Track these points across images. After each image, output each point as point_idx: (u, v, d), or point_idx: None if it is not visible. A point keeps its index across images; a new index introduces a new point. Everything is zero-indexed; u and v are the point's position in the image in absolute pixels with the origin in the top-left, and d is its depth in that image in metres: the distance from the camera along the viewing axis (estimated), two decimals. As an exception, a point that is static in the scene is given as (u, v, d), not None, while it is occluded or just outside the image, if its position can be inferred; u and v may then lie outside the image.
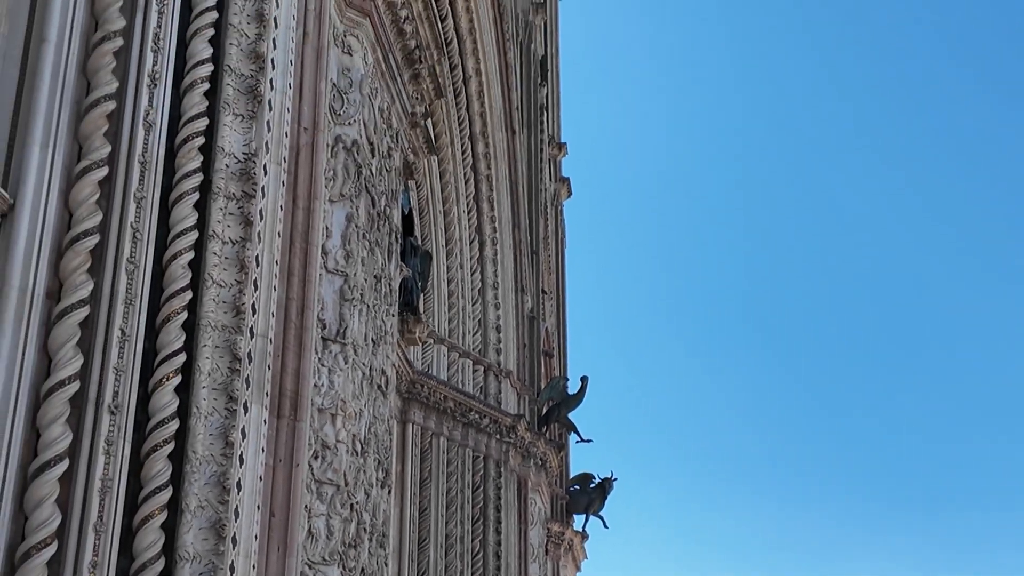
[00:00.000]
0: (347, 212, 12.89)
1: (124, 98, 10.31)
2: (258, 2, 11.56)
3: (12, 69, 10.01)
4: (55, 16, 10.20)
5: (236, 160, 10.91)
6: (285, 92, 11.69)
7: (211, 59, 11.12)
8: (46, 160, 9.70)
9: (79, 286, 9.51)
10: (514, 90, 28.95)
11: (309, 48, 12.20)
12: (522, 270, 30.74)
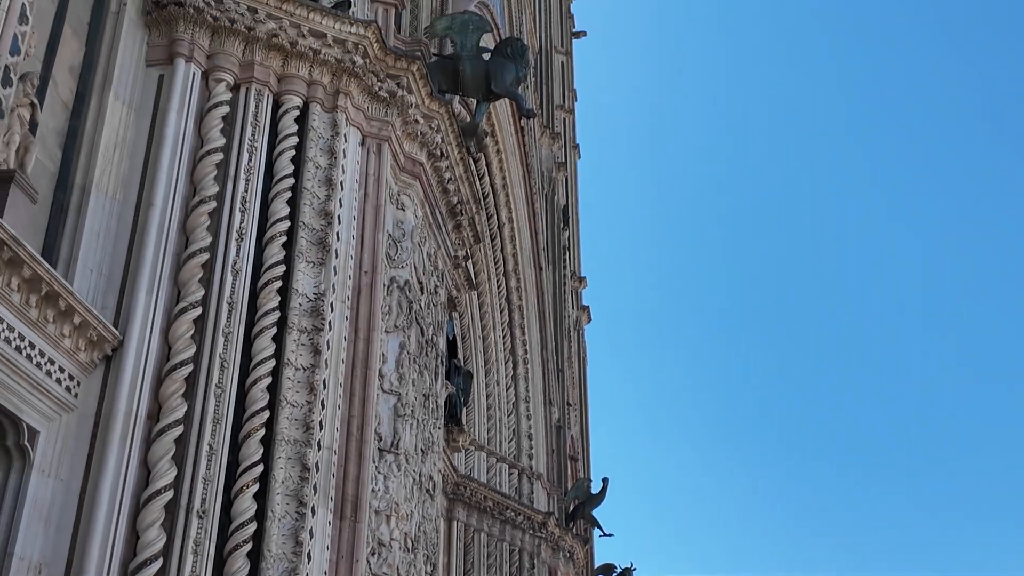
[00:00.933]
0: (400, 341, 13.01)
1: (216, 250, 10.62)
2: (328, 169, 11.92)
3: (125, 229, 10.38)
4: (161, 185, 10.62)
5: (308, 299, 11.13)
6: (349, 242, 11.96)
7: (288, 216, 11.43)
8: (151, 303, 10.01)
9: (175, 408, 9.74)
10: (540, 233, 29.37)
11: (369, 206, 12.50)
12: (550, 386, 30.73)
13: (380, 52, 12.66)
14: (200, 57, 11.52)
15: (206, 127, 11.26)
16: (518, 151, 25.64)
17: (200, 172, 11.00)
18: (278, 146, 11.73)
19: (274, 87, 11.96)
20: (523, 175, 26.15)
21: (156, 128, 10.96)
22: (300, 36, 12.04)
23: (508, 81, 15.21)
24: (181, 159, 10.90)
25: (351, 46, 12.34)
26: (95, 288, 9.92)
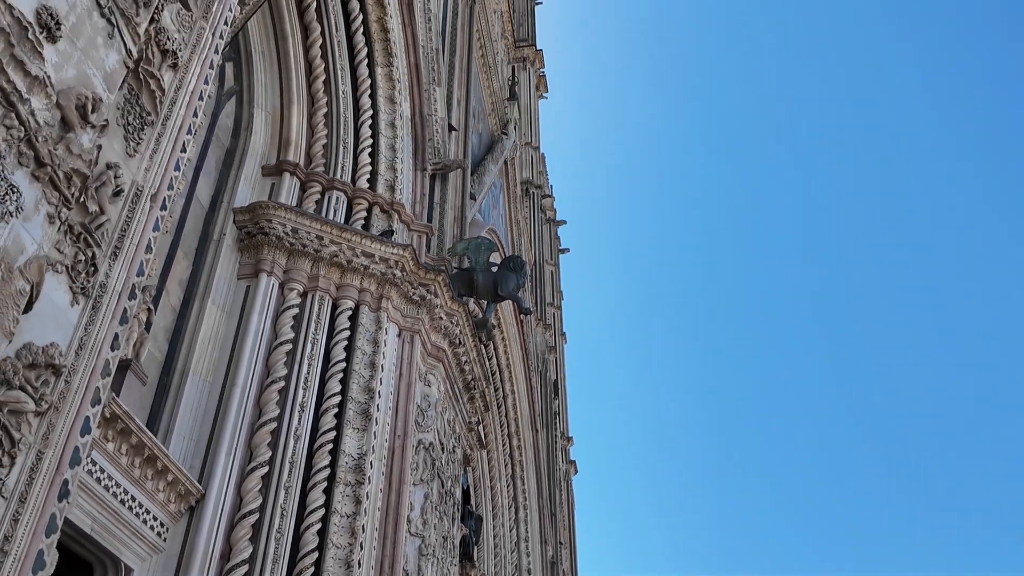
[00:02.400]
0: (425, 492, 12.75)
1: (282, 420, 10.59)
2: (372, 355, 12.05)
3: (212, 404, 10.40)
4: (243, 369, 10.71)
5: (352, 459, 10.99)
6: (387, 412, 11.93)
7: (339, 392, 11.47)
8: (228, 463, 9.90)
9: (243, 550, 9.45)
10: (536, 403, 29.19)
11: (403, 383, 12.54)
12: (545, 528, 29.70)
13: (414, 267, 13.06)
14: (278, 272, 11.90)
15: (280, 324, 11.50)
16: (519, 339, 25.93)
17: (273, 359, 11.14)
18: (334, 338, 11.92)
19: (333, 293, 12.28)
20: (523, 357, 26.35)
21: (242, 326, 11.19)
22: (355, 256, 12.46)
23: (511, 287, 15.58)
24: (259, 349, 11.07)
25: (393, 262, 12.73)
26: (186, 451, 9.85)
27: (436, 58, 16.59)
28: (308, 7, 13.86)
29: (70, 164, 5.29)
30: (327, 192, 13.47)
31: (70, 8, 5.32)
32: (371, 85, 14.62)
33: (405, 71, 15.17)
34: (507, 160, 26.33)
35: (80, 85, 5.40)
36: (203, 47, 7.44)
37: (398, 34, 15.00)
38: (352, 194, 13.76)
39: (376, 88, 14.67)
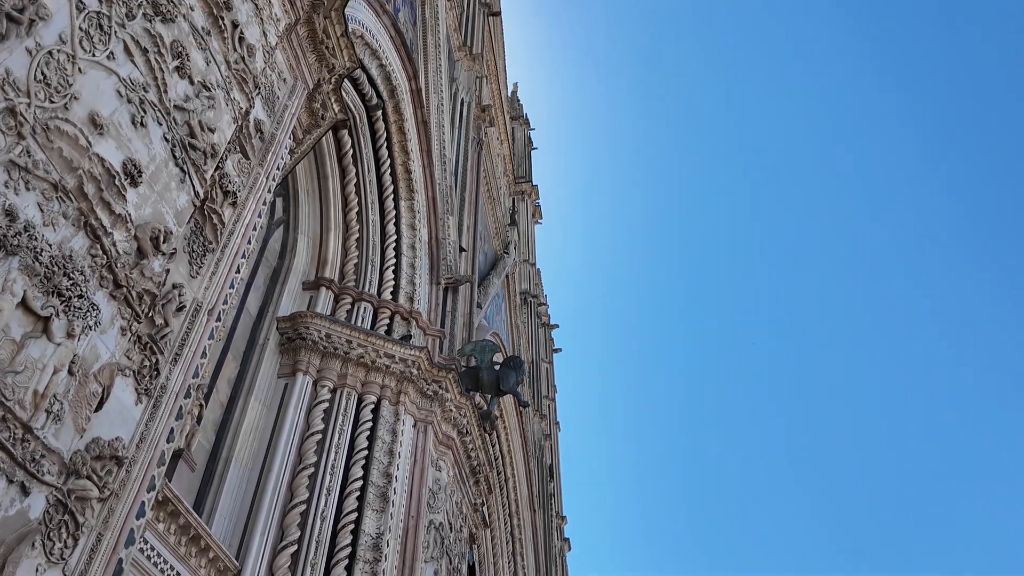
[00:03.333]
0: (435, 568, 12.26)
1: (311, 503, 10.32)
2: (391, 443, 11.86)
3: (251, 488, 10.15)
4: (278, 457, 10.53)
5: (371, 538, 10.65)
6: (402, 495, 11.64)
7: (361, 477, 11.23)
8: (262, 542, 9.58)
9: (272, 622, 9.00)
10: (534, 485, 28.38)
11: (417, 469, 12.30)
12: (542, 599, 28.32)
13: (429, 366, 13.04)
14: (313, 371, 11.88)
15: (312, 417, 11.39)
16: (518, 428, 25.49)
17: (305, 447, 10.98)
18: (359, 428, 11.78)
19: (359, 389, 12.22)
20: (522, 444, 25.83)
21: (279, 419, 11.08)
22: (378, 357, 12.47)
23: (511, 383, 15.49)
24: (293, 439, 10.93)
25: (410, 362, 12.73)
26: (226, 530, 9.56)
27: (450, 193, 17.12)
28: (346, 154, 14.44)
29: (142, 285, 5.42)
30: (356, 303, 13.63)
31: (150, 160, 5.59)
32: (396, 215, 15.04)
33: (424, 204, 15.63)
34: (508, 275, 26.67)
35: (155, 220, 5.60)
36: (258, 188, 7.73)
37: (419, 174, 15.55)
38: (377, 304, 13.91)
39: (400, 217, 15.09)
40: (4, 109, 4.17)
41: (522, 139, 41.07)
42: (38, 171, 4.42)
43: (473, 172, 21.10)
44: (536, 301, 36.51)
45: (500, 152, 31.45)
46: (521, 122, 41.95)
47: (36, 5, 4.39)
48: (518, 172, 37.09)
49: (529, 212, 37.94)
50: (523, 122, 42.34)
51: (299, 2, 8.65)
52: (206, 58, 6.59)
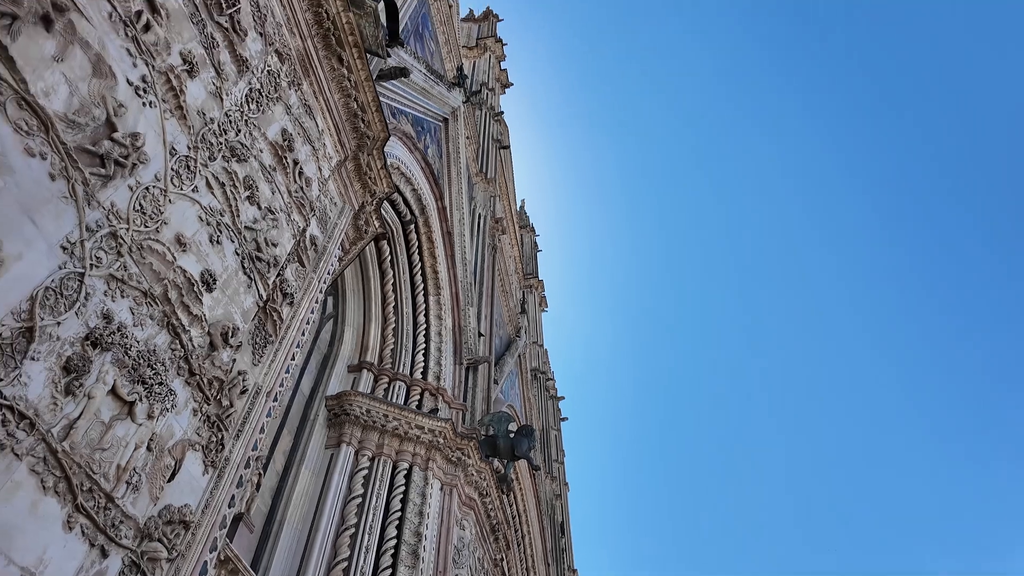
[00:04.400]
0: (460, 618, 11.55)
1: (351, 560, 9.86)
2: (421, 505, 11.42)
3: (300, 547, 9.73)
4: (324, 518, 10.14)
5: (404, 591, 10.09)
6: (431, 552, 11.10)
7: (395, 536, 10.75)
8: (309, 596, 9.07)
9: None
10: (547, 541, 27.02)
11: (444, 528, 11.78)
12: (558, 647, 26.35)
13: (453, 435, 12.75)
14: (355, 442, 11.65)
15: (354, 483, 11.07)
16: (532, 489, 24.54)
17: (347, 510, 10.60)
18: (393, 492, 11.39)
19: (393, 457, 11.92)
20: (536, 504, 24.80)
21: (326, 484, 10.77)
22: (410, 428, 12.23)
23: (524, 449, 15.05)
24: (337, 502, 10.57)
25: (437, 432, 12.46)
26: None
27: (470, 288, 17.30)
28: (385, 259, 14.74)
29: (212, 373, 5.44)
30: (392, 382, 13.52)
31: (223, 270, 5.73)
32: (425, 308, 15.16)
33: (449, 298, 15.77)
34: (520, 355, 26.47)
35: (225, 319, 5.68)
36: (312, 290, 7.86)
37: (444, 275, 15.78)
38: (410, 383, 13.78)
39: (429, 310, 15.20)
40: (108, 233, 4.34)
41: (529, 243, 41.84)
42: (132, 282, 4.55)
43: (489, 271, 21.40)
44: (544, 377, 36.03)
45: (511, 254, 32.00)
46: (528, 230, 42.88)
47: (139, 152, 4.65)
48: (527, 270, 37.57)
49: (536, 302, 38.12)
50: (530, 230, 43.27)
51: (347, 143, 9.10)
52: (272, 188, 6.88)
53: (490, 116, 29.22)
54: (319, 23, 8.27)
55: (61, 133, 4.01)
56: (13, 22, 3.66)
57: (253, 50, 6.76)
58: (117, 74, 4.54)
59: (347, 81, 8.84)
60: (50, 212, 3.92)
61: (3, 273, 3.56)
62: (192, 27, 5.59)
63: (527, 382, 28.19)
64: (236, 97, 6.27)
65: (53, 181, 3.95)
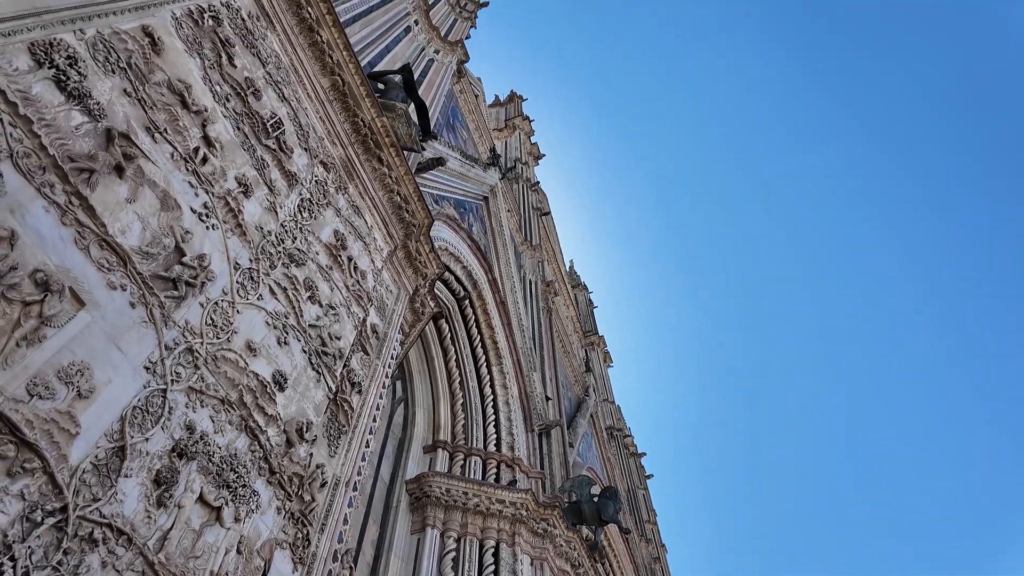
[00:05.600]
0: None
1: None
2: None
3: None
4: None
5: None
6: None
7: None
8: None
9: None
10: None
11: (540, 605, 11.18)
12: None
13: (535, 506, 12.31)
14: (439, 524, 11.41)
15: (443, 566, 10.75)
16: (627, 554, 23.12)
17: (439, 596, 10.26)
18: (483, 572, 10.97)
19: (479, 536, 11.57)
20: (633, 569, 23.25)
21: (416, 571, 10.50)
22: (491, 503, 11.91)
23: (611, 513, 14.31)
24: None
25: (519, 505, 12.07)
26: None
27: (530, 353, 17.20)
28: (445, 337, 14.95)
29: (292, 470, 5.52)
30: (467, 457, 13.34)
31: (293, 368, 5.94)
32: (490, 379, 15.12)
33: (511, 366, 15.70)
34: (592, 414, 25.74)
35: (298, 415, 5.82)
36: (378, 376, 8.00)
37: (504, 343, 15.81)
38: (485, 456, 13.56)
39: (493, 380, 15.14)
40: (184, 349, 4.61)
41: (584, 301, 41.61)
42: (209, 391, 4.77)
43: (547, 334, 21.29)
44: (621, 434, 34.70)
45: (568, 315, 31.86)
46: (581, 288, 42.78)
47: (206, 271, 5.00)
48: (585, 327, 37.17)
49: (600, 358, 37.39)
50: (582, 288, 43.16)
51: (395, 234, 9.49)
52: (330, 286, 7.19)
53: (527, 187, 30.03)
54: (356, 130, 8.88)
55: (137, 265, 4.37)
56: (91, 175, 4.11)
57: (300, 164, 7.28)
58: (182, 205, 4.96)
59: (388, 178, 9.33)
60: (133, 337, 4.21)
61: (95, 399, 3.81)
62: (243, 153, 6.10)
63: (604, 442, 27.22)
64: (289, 208, 6.71)
65: (133, 308, 4.27)
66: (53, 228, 3.83)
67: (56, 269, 3.79)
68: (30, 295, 3.57)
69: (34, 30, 3.99)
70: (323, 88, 8.36)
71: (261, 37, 7.29)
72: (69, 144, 4.06)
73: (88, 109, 4.29)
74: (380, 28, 14.43)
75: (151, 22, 5.24)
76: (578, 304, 38.01)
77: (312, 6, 8.23)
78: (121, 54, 4.70)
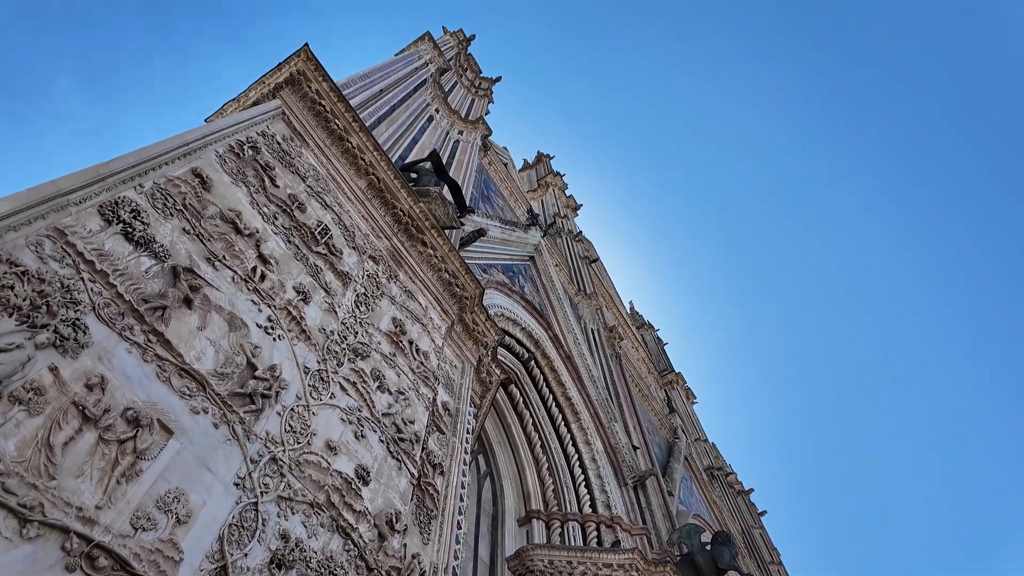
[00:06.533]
0: None
1: None
2: (638, 654, 10.17)
3: None
4: None
5: None
6: None
7: None
8: None
9: None
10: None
11: (672, 674, 10.29)
12: None
13: (645, 565, 11.59)
14: (547, 599, 10.89)
15: (560, 645, 10.16)
16: (756, 602, 21.27)
17: None
18: (604, 646, 10.30)
19: (592, 606, 10.94)
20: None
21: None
22: (598, 569, 11.29)
23: (727, 559, 13.26)
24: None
25: (628, 567, 11.40)
26: None
27: (607, 404, 16.74)
28: (517, 402, 14.81)
29: (388, 563, 5.46)
30: (564, 524, 12.85)
31: (373, 460, 5.99)
32: (571, 437, 14.74)
33: (590, 420, 15.29)
34: (686, 456, 24.47)
35: (386, 507, 5.81)
36: (457, 453, 7.95)
37: (577, 398, 15.49)
38: (583, 520, 13.03)
39: (574, 438, 14.75)
40: (269, 459, 4.75)
41: (652, 340, 40.54)
42: (298, 497, 4.85)
43: (621, 381, 20.73)
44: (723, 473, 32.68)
45: (638, 356, 31.04)
46: (646, 328, 41.81)
47: (278, 380, 5.21)
48: (660, 367, 36.01)
49: (682, 396, 35.91)
50: (647, 327, 42.18)
51: (450, 310, 9.67)
52: (396, 372, 7.33)
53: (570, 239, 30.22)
54: (397, 220, 9.28)
55: (215, 386, 4.61)
56: (164, 311, 4.44)
57: (350, 263, 7.63)
58: (248, 322, 5.25)
59: (434, 258, 9.63)
60: (220, 456, 4.39)
61: (193, 523, 3.94)
62: (297, 263, 6.46)
63: (705, 484, 25.68)
64: (347, 306, 6.99)
65: (217, 429, 4.47)
66: (137, 367, 4.12)
67: (144, 404, 4.04)
68: (124, 433, 3.81)
69: (101, 194, 4.47)
70: (360, 189, 8.85)
71: (297, 155, 7.87)
72: (141, 287, 4.42)
73: (154, 252, 4.70)
74: (404, 123, 15.32)
75: (198, 164, 5.76)
76: (646, 344, 37.05)
77: (339, 118, 8.86)
78: (176, 198, 5.18)
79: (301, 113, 8.43)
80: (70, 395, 3.64)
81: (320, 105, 8.66)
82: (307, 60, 8.64)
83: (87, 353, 3.86)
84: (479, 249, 15.27)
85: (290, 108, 8.27)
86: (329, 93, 8.77)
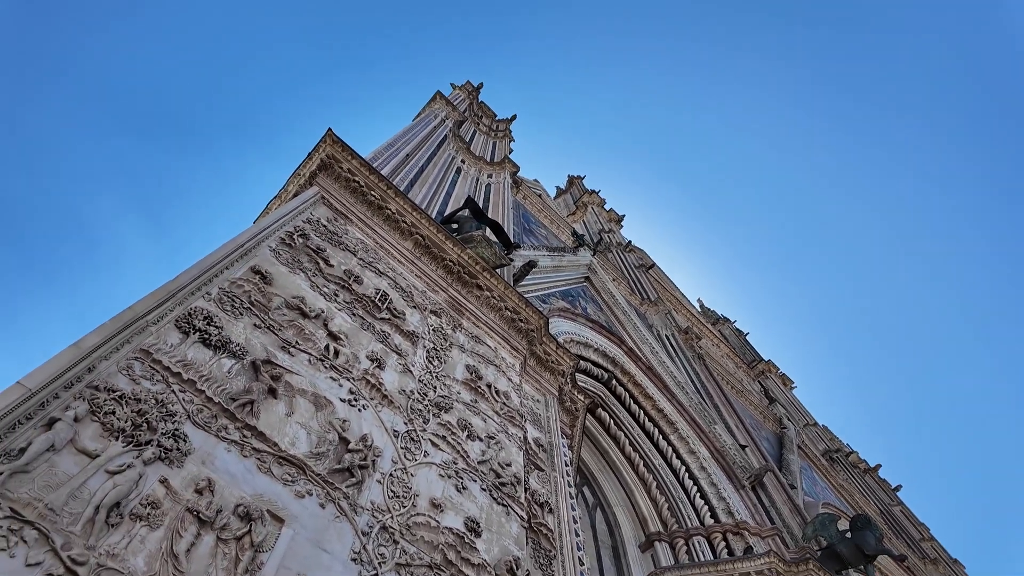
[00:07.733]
0: None
1: None
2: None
3: None
4: None
5: None
6: None
7: None
8: None
9: None
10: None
11: None
12: None
13: (785, 567, 10.77)
14: (690, 623, 10.25)
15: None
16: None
17: None
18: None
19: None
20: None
21: None
22: (736, 581, 10.60)
23: (873, 544, 12.15)
24: None
25: (767, 571, 10.62)
26: None
27: (701, 407, 16.02)
28: (608, 425, 14.39)
29: (518, 614, 5.27)
30: (688, 540, 12.18)
31: (480, 510, 5.87)
32: (672, 450, 14.14)
33: (688, 428, 14.65)
34: (798, 445, 22.98)
35: (503, 555, 5.66)
36: (561, 487, 7.73)
37: (669, 408, 14.92)
38: (707, 533, 12.32)
39: (677, 449, 14.14)
40: (379, 529, 4.73)
41: (731, 333, 38.97)
42: (415, 561, 4.79)
43: (710, 381, 19.88)
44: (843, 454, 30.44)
45: (721, 353, 29.82)
46: (722, 322, 40.30)
47: (371, 449, 5.24)
48: (747, 358, 34.43)
49: (779, 383, 34.06)
50: (723, 321, 40.65)
51: (520, 346, 9.60)
52: (482, 418, 7.26)
53: (621, 251, 29.81)
54: (449, 271, 9.40)
55: (314, 468, 4.67)
56: (252, 405, 4.58)
57: (414, 322, 7.74)
58: (332, 399, 5.35)
59: (492, 298, 9.65)
60: (332, 535, 4.40)
61: (320, 606, 3.93)
62: (365, 333, 6.59)
63: (826, 470, 23.96)
64: (420, 364, 7.05)
65: (324, 509, 4.50)
66: (238, 463, 4.23)
67: (252, 498, 4.13)
68: (239, 529, 3.88)
69: (175, 309, 4.73)
70: (408, 249, 9.05)
71: (343, 233, 8.15)
72: (227, 387, 4.59)
73: (232, 352, 4.89)
74: (436, 180, 15.73)
75: (255, 261, 6.04)
76: (726, 338, 35.61)
77: (374, 189, 9.17)
78: (242, 297, 5.42)
79: (339, 193, 8.77)
80: (183, 503, 3.75)
81: (355, 182, 9.00)
82: (333, 143, 9.04)
83: (191, 459, 4.00)
84: (533, 281, 15.24)
85: (327, 191, 8.63)
86: (360, 169, 9.11)
